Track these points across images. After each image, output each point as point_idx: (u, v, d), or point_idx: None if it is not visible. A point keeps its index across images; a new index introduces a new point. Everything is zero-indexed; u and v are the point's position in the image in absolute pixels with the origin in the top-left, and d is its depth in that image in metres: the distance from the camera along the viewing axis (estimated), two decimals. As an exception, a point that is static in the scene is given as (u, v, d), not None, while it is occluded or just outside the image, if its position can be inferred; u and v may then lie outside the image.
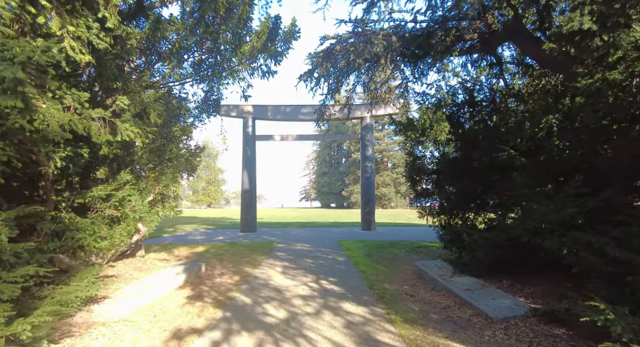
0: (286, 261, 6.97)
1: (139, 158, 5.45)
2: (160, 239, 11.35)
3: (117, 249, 5.30)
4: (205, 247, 8.89)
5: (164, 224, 18.89)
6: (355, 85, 9.13)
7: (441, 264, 5.91)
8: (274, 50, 6.00)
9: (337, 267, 6.31)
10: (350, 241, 9.72)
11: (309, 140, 51.33)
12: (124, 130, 3.51)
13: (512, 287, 4.25)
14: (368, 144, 13.70)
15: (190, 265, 5.99)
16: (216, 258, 7.29)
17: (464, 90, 6.35)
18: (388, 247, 8.63)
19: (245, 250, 8.37)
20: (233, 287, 4.98)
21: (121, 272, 5.13)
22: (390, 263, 6.72)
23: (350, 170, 49.21)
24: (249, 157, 13.46)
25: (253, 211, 13.44)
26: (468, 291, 4.21)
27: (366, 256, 7.36)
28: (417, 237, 10.95)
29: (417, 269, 5.93)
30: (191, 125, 6.28)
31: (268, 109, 13.58)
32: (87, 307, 3.51)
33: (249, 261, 6.94)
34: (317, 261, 6.92)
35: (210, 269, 6.25)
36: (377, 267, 6.28)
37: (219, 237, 11.45)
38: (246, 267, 6.34)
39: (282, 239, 10.85)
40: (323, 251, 8.15)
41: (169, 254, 7.98)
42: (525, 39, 5.06)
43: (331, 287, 4.83)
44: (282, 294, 4.53)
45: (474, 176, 5.64)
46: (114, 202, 4.61)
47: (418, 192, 7.68)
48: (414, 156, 7.56)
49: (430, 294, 4.54)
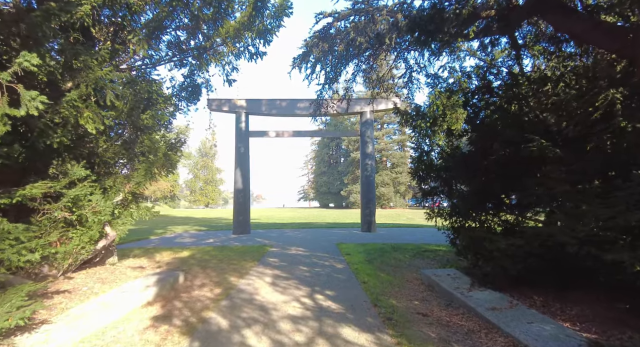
0: (278, 268, 6.19)
1: (104, 151, 4.66)
2: (146, 241, 10.56)
3: (76, 257, 4.51)
4: (191, 252, 8.11)
5: (155, 226, 18.09)
6: (355, 75, 8.35)
7: (454, 273, 5.14)
8: (262, 27, 5.23)
9: (336, 276, 5.53)
10: (350, 245, 8.94)
11: (306, 137, 50.48)
12: (28, 100, 2.66)
13: (549, 307, 3.48)
14: (368, 140, 12.92)
15: (166, 275, 5.21)
16: (200, 265, 6.51)
17: (478, 76, 5.59)
18: (391, 251, 7.85)
19: (234, 255, 7.58)
20: (211, 303, 4.20)
21: (78, 286, 4.34)
22: (395, 271, 5.95)
23: (349, 170, 48.51)
24: (242, 154, 12.66)
25: (246, 212, 12.65)
26: (494, 311, 3.44)
27: (367, 262, 6.59)
28: (420, 239, 10.18)
29: (427, 279, 5.15)
30: (169, 115, 5.50)
31: (262, 103, 12.79)
32: (9, 340, 2.71)
33: (236, 269, 6.16)
34: (313, 268, 6.15)
35: (191, 279, 5.46)
36: (380, 276, 5.51)
37: (209, 240, 10.67)
38: (231, 277, 5.56)
39: (276, 242, 10.06)
40: (320, 257, 7.37)
41: (150, 259, 7.19)
42: (558, 11, 4.30)
43: (328, 305, 4.05)
44: (268, 315, 3.74)
45: (492, 171, 4.88)
46: (66, 203, 3.82)
47: (425, 191, 6.92)
48: (421, 150, 6.80)
49: (446, 313, 3.77)
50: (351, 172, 47.97)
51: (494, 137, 4.79)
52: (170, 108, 5.90)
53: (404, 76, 8.70)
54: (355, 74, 8.29)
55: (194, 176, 76.34)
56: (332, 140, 55.10)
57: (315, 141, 62.42)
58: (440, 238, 10.64)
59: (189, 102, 6.01)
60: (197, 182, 75.96)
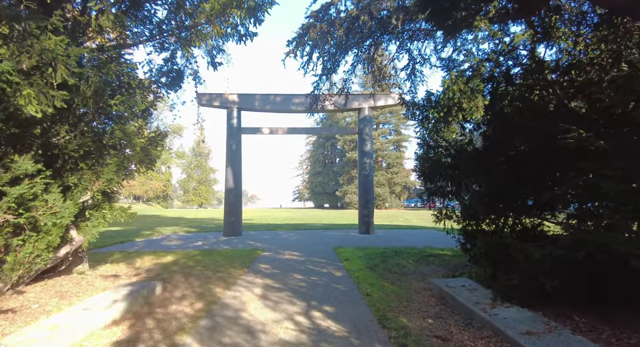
0: (270, 277, 5.54)
1: (66, 142, 3.97)
2: (130, 244, 9.84)
3: (29, 267, 3.82)
4: (176, 257, 7.42)
5: (144, 226, 17.30)
6: (355, 65, 7.74)
7: (469, 284, 4.54)
8: (252, 4, 4.58)
9: (335, 287, 4.90)
10: (348, 248, 8.32)
11: (301, 134, 50.08)
12: None
13: (598, 332, 2.88)
14: (366, 138, 12.32)
15: (141, 286, 4.53)
16: (183, 273, 5.84)
17: (494, 62, 5.02)
18: (392, 256, 7.25)
19: (223, 260, 6.92)
20: (189, 322, 3.54)
21: (28, 303, 3.65)
22: (400, 280, 5.34)
23: (345, 170, 48.01)
24: (233, 152, 11.97)
25: (238, 213, 11.96)
26: (530, 336, 2.84)
27: (369, 269, 5.97)
28: (422, 242, 9.60)
29: (438, 290, 4.54)
30: (148, 104, 4.82)
31: (255, 98, 12.12)
32: None
33: (223, 277, 5.50)
34: (308, 277, 5.51)
35: (170, 290, 4.79)
36: (384, 287, 4.89)
37: (197, 243, 9.97)
38: (216, 288, 4.90)
39: (269, 245, 9.40)
40: (316, 262, 6.73)
41: (128, 265, 6.50)
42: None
43: (327, 325, 3.41)
44: (255, 340, 3.10)
45: (515, 168, 4.30)
46: (10, 203, 3.13)
47: (431, 190, 6.33)
48: (427, 146, 6.21)
49: (469, 336, 3.16)
50: (346, 172, 47.47)
51: (515, 129, 4.21)
52: (150, 96, 5.22)
53: (406, 68, 8.12)
54: (354, 65, 7.68)
55: (187, 175, 75.30)
56: (327, 140, 54.54)
57: (310, 141, 61.76)
58: (443, 241, 10.10)
59: (170, 89, 5.32)
60: (191, 182, 74.85)
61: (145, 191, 56.20)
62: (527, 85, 4.53)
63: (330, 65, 7.31)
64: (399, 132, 48.51)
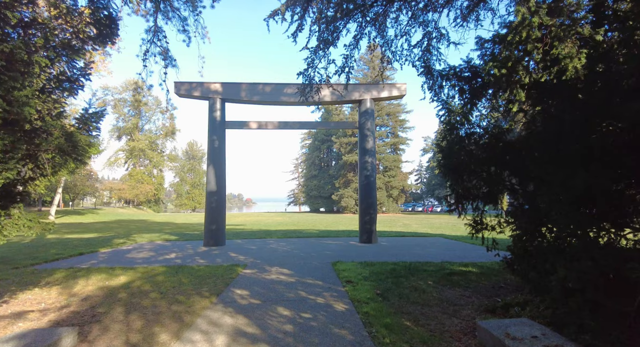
0: (244, 312, 3.98)
1: None
2: (89, 257, 8.25)
3: None
4: (133, 276, 5.85)
5: (123, 233, 15.63)
6: (358, 38, 6.27)
7: (542, 331, 2.99)
8: None
9: (337, 333, 3.35)
10: (350, 265, 6.78)
11: (294, 129, 48.52)
12: None
13: None
14: (368, 134, 10.85)
15: (39, 338, 2.94)
16: (128, 304, 4.28)
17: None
18: (407, 275, 5.74)
19: (189, 283, 5.35)
20: None
21: None
22: (425, 315, 3.83)
23: (341, 173, 46.66)
24: (216, 149, 10.43)
25: (221, 220, 10.37)
26: None
27: (381, 299, 4.44)
28: (435, 254, 8.11)
29: (492, 341, 3.02)
30: (65, 62, 3.30)
31: (242, 88, 10.61)
32: None
33: (178, 313, 3.94)
34: (298, 312, 3.96)
35: (93, 339, 3.23)
36: (407, 330, 3.37)
37: (169, 255, 8.38)
38: (162, 334, 3.34)
39: (254, 258, 7.84)
40: (310, 287, 5.19)
41: (62, 291, 4.95)
42: None
43: None
44: None
45: (606, 159, 2.84)
46: None
47: (460, 193, 4.87)
48: (454, 135, 4.78)
49: None
50: (342, 176, 46.13)
51: (601, 105, 2.74)
52: (66, 51, 3.65)
53: (419, 45, 6.69)
54: (358, 37, 6.21)
55: (180, 179, 73.38)
56: (323, 143, 53.17)
57: (306, 144, 60.25)
58: (460, 252, 8.53)
59: (98, 42, 3.80)
60: (184, 186, 72.82)
61: (136, 194, 54.17)
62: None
63: (327, 36, 5.85)
64: (395, 134, 47.36)
